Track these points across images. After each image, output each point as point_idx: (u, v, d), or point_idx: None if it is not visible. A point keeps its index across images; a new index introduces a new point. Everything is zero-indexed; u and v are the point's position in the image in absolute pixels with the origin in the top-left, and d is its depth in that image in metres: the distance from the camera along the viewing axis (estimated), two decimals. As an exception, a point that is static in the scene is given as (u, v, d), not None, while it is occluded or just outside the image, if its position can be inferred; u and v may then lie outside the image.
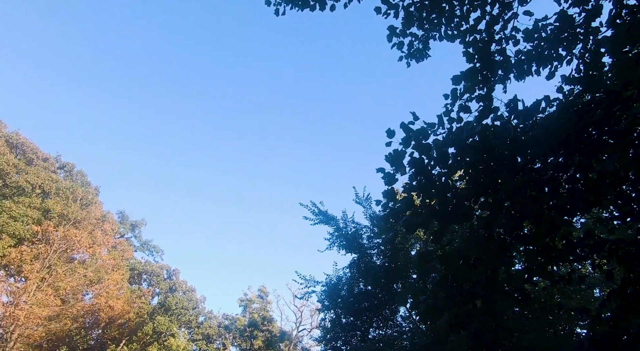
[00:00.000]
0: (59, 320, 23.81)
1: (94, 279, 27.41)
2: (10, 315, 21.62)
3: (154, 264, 42.25)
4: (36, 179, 27.87)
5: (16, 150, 28.72)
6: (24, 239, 25.25)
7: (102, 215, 31.97)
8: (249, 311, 44.45)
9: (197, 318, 43.54)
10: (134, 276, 40.00)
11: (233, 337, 44.48)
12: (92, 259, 28.44)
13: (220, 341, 44.83)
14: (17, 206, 26.07)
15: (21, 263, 23.22)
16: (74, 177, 35.35)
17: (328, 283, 16.95)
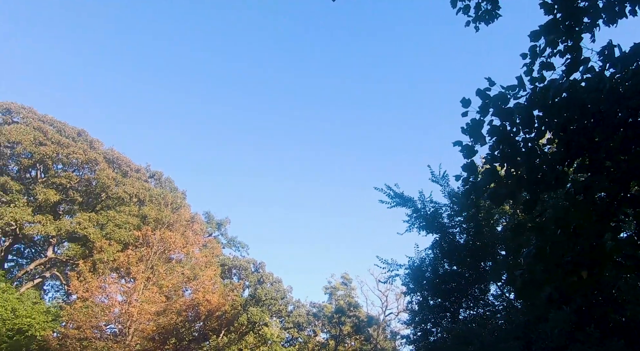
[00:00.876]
0: (165, 315, 26.10)
1: (190, 276, 29.64)
2: (126, 312, 24.15)
3: (241, 259, 44.63)
4: (132, 189, 30.66)
5: (113, 165, 31.78)
6: (128, 244, 27.97)
7: (191, 217, 34.35)
8: (334, 299, 45.36)
9: (286, 307, 45.34)
10: (225, 271, 42.58)
11: (322, 324, 45.73)
12: (186, 258, 30.72)
13: (311, 329, 46.32)
14: (119, 215, 28.94)
15: (129, 265, 25.75)
16: (163, 184, 38.37)
17: (411, 266, 16.69)
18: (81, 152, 28.82)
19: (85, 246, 29.25)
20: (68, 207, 31.13)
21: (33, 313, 24.39)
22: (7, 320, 23.24)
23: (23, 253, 33.76)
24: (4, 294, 24.37)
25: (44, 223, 26.59)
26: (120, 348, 24.26)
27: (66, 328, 25.38)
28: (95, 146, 31.20)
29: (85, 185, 30.52)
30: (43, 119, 29.60)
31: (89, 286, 24.77)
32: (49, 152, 27.47)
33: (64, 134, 30.04)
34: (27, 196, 27.91)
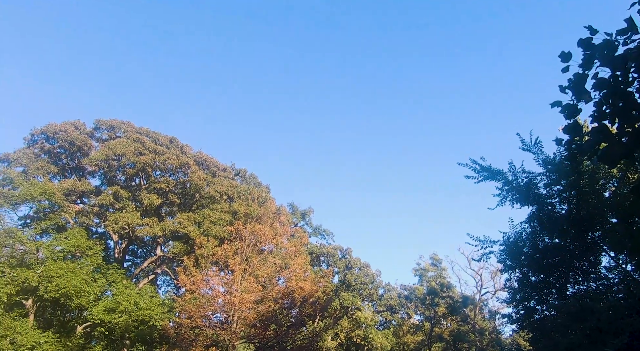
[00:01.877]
0: (263, 303, 27.69)
1: (282, 265, 31.03)
2: (228, 302, 26.03)
3: (328, 247, 45.65)
4: (221, 187, 32.74)
5: (202, 166, 34.16)
6: (224, 239, 29.98)
7: (277, 209, 35.81)
8: (425, 280, 44.68)
9: (376, 291, 45.62)
10: (313, 259, 43.89)
11: (415, 306, 45.35)
12: (277, 248, 32.14)
13: (404, 311, 46.17)
14: (213, 213, 31.11)
15: (226, 259, 27.63)
16: (248, 180, 40.42)
17: (506, 242, 15.84)
18: (174, 158, 31.36)
19: (187, 243, 31.89)
20: (169, 209, 34.11)
21: (152, 305, 27.26)
22: (132, 312, 26.26)
23: (137, 252, 37.76)
24: (126, 290, 27.56)
25: (151, 225, 29.46)
26: (227, 334, 26.25)
27: (180, 318, 28.02)
28: (186, 151, 33.73)
29: (180, 188, 33.19)
30: (140, 131, 32.66)
31: (194, 279, 27.02)
32: (148, 161, 30.30)
33: (158, 142, 32.87)
34: (134, 202, 31.08)
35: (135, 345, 28.73)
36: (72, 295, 25.19)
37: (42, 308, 27.69)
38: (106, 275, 28.25)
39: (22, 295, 25.42)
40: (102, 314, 26.18)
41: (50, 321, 28.42)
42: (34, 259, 26.28)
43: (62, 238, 27.03)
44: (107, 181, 32.45)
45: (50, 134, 30.42)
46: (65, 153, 31.19)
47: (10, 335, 22.64)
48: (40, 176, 29.06)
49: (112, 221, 28.62)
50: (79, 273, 25.87)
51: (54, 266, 25.29)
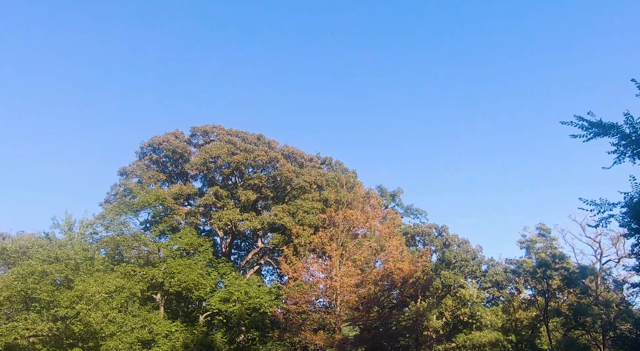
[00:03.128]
0: (363, 286, 28.18)
1: (377, 248, 31.17)
2: (330, 287, 26.95)
3: (422, 226, 44.74)
4: (310, 177, 33.71)
5: (290, 159, 35.45)
6: (318, 227, 30.96)
7: (366, 193, 35.94)
8: (533, 252, 41.79)
9: (479, 267, 43.79)
10: (408, 239, 43.37)
11: (524, 280, 42.72)
12: (370, 232, 32.34)
13: (512, 286, 43.77)
14: (305, 202, 32.23)
15: (323, 246, 28.53)
16: (334, 167, 41.03)
17: (629, 203, 14.11)
18: (264, 154, 32.95)
19: (284, 233, 33.49)
20: (264, 203, 36.05)
21: (260, 294, 29.25)
22: (244, 301, 28.45)
23: (241, 246, 40.61)
24: (236, 281, 29.88)
25: (250, 219, 31.44)
26: (332, 318, 27.24)
27: (287, 304, 29.70)
28: (273, 146, 35.22)
29: (272, 182, 34.83)
30: (230, 132, 34.83)
31: (295, 267, 28.36)
32: (240, 160, 32.27)
33: (247, 141, 34.76)
34: (233, 199, 33.36)
35: (250, 330, 31.11)
36: (191, 288, 27.97)
37: (169, 301, 31.16)
38: (217, 268, 30.85)
39: (152, 290, 28.86)
40: (219, 304, 28.69)
41: (176, 312, 31.92)
42: (157, 258, 29.60)
43: (177, 237, 30.03)
44: (208, 183, 35.18)
45: (156, 146, 33.77)
46: (169, 161, 34.43)
47: (148, 325, 25.92)
48: (152, 184, 32.49)
49: (216, 218, 31.06)
50: (195, 268, 28.60)
51: (174, 263, 28.26)
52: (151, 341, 25.54)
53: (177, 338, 26.39)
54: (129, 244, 28.82)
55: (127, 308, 26.07)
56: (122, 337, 24.21)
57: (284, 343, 29.35)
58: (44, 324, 24.54)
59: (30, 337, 25.05)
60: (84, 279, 25.39)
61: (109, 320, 24.39)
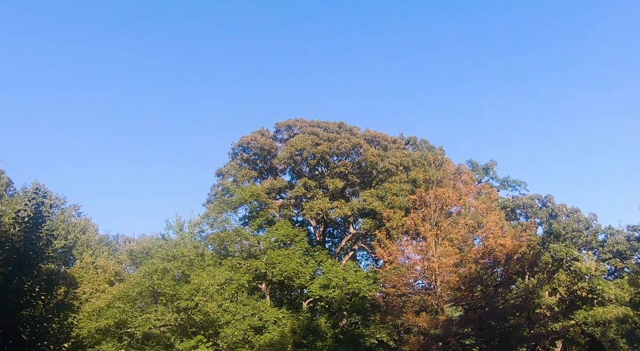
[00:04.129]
0: (463, 265, 27.17)
1: (474, 225, 29.78)
2: (428, 268, 26.46)
3: (522, 198, 41.74)
4: (395, 159, 33.22)
5: (373, 143, 35.24)
6: (409, 209, 30.47)
7: (456, 169, 34.45)
8: (661, 216, 36.72)
9: (595, 237, 39.77)
10: (508, 213, 40.78)
11: (655, 249, 37.85)
12: (464, 209, 30.98)
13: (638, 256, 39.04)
14: (393, 185, 31.89)
15: (416, 227, 28.03)
16: (420, 146, 39.89)
17: None
18: (346, 141, 33.15)
19: (375, 218, 33.47)
20: (351, 189, 36.35)
21: (357, 279, 29.73)
22: (343, 287, 29.15)
23: (333, 233, 41.51)
24: (333, 267, 30.69)
25: (340, 207, 31.96)
26: (434, 299, 26.75)
27: (385, 287, 29.80)
28: (355, 132, 35.25)
29: (357, 168, 34.92)
30: (312, 124, 35.58)
31: (390, 251, 28.25)
32: (324, 150, 32.86)
33: (329, 130, 35.22)
34: (321, 189, 34.14)
35: (352, 314, 31.83)
36: (292, 277, 29.36)
37: (273, 290, 33.05)
38: (314, 257, 31.94)
39: (257, 281, 30.86)
40: (319, 290, 29.74)
41: (281, 300, 33.76)
42: (258, 250, 31.52)
43: (274, 229, 31.62)
44: (296, 175, 36.40)
45: (245, 145, 35.74)
46: (259, 158, 36.25)
47: (257, 313, 27.85)
48: (245, 181, 34.50)
49: (307, 209, 32.08)
50: (293, 258, 29.93)
51: (273, 254, 29.86)
52: (262, 327, 27.39)
53: (285, 324, 27.95)
54: (232, 239, 31.08)
55: (237, 298, 28.21)
56: (236, 324, 26.30)
57: (386, 326, 29.60)
58: (170, 315, 27.57)
59: (160, 327, 28.33)
60: (198, 273, 27.99)
61: (223, 309, 26.64)
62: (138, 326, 26.84)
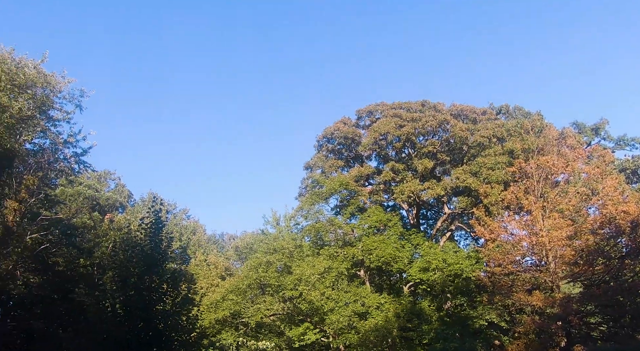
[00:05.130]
0: (578, 237, 24.65)
1: (587, 193, 26.85)
2: (536, 243, 24.50)
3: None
4: (486, 131, 31.21)
5: (460, 117, 33.51)
6: (508, 182, 28.48)
7: (559, 134, 31.36)
8: None
9: None
10: (628, 175, 36.21)
11: None
12: (574, 176, 28.09)
13: None
14: (487, 159, 30.00)
15: (518, 201, 26.10)
16: (514, 114, 36.99)
17: None
18: (431, 119, 31.89)
19: (470, 195, 31.83)
20: (442, 168, 34.94)
21: (458, 260, 28.58)
22: (443, 269, 28.25)
23: (427, 215, 40.35)
24: (431, 250, 29.86)
25: (431, 187, 30.91)
26: (547, 276, 24.73)
27: (489, 267, 28.27)
28: (439, 109, 33.73)
29: (446, 145, 33.44)
30: (394, 106, 34.80)
31: (490, 228, 26.70)
32: (409, 131, 31.97)
33: (412, 110, 34.14)
34: (410, 171, 33.32)
35: (456, 296, 30.75)
36: (389, 262, 29.17)
37: (372, 276, 33.16)
38: (410, 240, 31.37)
39: (355, 268, 31.21)
40: (418, 274, 29.18)
41: (380, 286, 33.74)
42: (353, 238, 31.83)
43: (366, 216, 31.65)
44: (382, 160, 35.95)
45: (329, 136, 36.15)
46: (344, 148, 36.44)
47: (359, 299, 28.22)
48: (333, 172, 34.95)
49: (398, 192, 31.55)
50: (389, 243, 29.71)
51: (368, 241, 29.93)
52: (365, 313, 27.68)
53: (388, 309, 27.92)
54: (326, 229, 31.79)
55: (338, 285, 28.83)
56: (340, 311, 26.92)
57: (495, 307, 28.08)
58: (278, 305, 29.17)
59: (270, 316, 30.12)
60: (298, 264, 29.14)
61: (326, 297, 27.44)
62: (251, 316, 28.82)
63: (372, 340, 26.44)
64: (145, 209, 27.48)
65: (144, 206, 40.39)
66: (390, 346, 27.65)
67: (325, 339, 29.22)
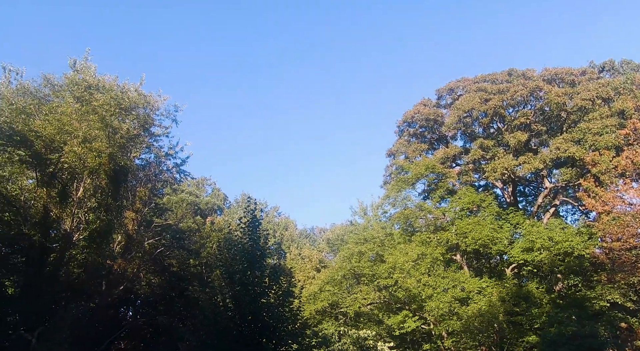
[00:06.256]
0: None
1: None
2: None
3: None
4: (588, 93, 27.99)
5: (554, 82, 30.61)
6: (620, 147, 25.39)
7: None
8: None
9: None
10: None
11: None
12: None
13: None
14: (591, 123, 26.97)
15: (635, 166, 23.15)
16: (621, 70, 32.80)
17: None
18: (521, 88, 29.44)
19: (575, 166, 28.95)
20: (538, 140, 32.15)
21: (567, 237, 26.11)
22: (550, 247, 26.01)
23: (525, 192, 37.48)
24: (533, 228, 27.64)
25: (527, 161, 28.58)
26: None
27: (606, 242, 25.45)
28: (529, 75, 31.05)
29: (540, 114, 30.71)
30: (476, 80, 32.78)
31: (603, 199, 24.02)
32: (497, 104, 29.84)
33: (498, 81, 31.90)
34: (501, 147, 31.15)
35: (569, 277, 28.21)
36: (487, 244, 27.56)
37: (469, 260, 31.64)
38: (508, 220, 29.34)
39: (450, 253, 30.04)
40: (522, 255, 27.20)
41: (479, 269, 32.07)
42: (444, 222, 30.64)
43: (457, 199, 30.22)
44: (469, 138, 34.09)
45: (409, 120, 35.12)
46: (426, 130, 35.16)
47: (458, 285, 27.10)
48: (417, 156, 33.90)
49: (490, 171, 29.68)
50: (484, 224, 28.08)
51: (462, 223, 28.58)
52: (466, 298, 26.52)
53: (491, 293, 26.45)
54: (415, 215, 30.98)
55: (435, 271, 27.98)
56: (439, 297, 26.10)
57: (618, 286, 25.24)
58: (374, 294, 29.14)
59: (367, 305, 30.21)
60: (390, 252, 28.81)
61: (422, 284, 26.78)
62: (349, 306, 29.16)
63: (476, 326, 25.26)
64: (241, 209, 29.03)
65: (239, 207, 42.77)
66: (497, 332, 26.20)
67: (426, 326, 28.57)
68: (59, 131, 17.02)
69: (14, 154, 17.20)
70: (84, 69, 20.58)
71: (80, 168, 17.89)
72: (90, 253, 18.80)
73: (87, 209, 19.26)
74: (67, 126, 17.21)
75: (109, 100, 18.62)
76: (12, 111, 16.73)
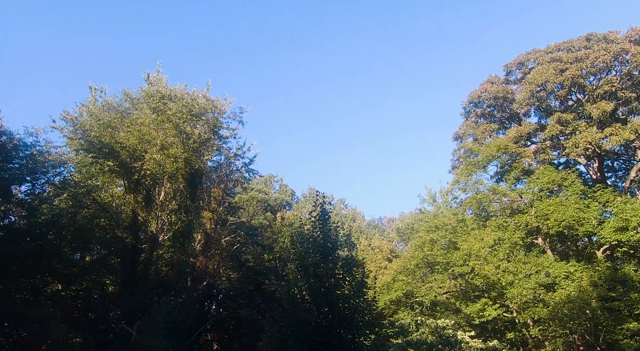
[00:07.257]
0: None
1: None
2: None
3: None
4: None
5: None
6: None
7: None
8: None
9: None
10: None
11: None
12: None
13: None
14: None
15: None
16: None
17: None
18: (603, 53, 26.77)
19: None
20: (626, 108, 29.13)
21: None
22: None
23: (614, 166, 34.21)
24: (627, 205, 25.12)
25: (615, 133, 26.03)
26: None
27: None
28: (611, 38, 28.09)
29: (627, 79, 27.75)
30: (549, 50, 30.30)
31: None
32: (575, 73, 27.38)
33: (574, 49, 29.22)
34: (582, 120, 28.64)
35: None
36: (573, 225, 25.58)
37: (552, 243, 29.55)
38: (595, 198, 26.98)
39: (531, 236, 28.29)
40: (614, 235, 24.97)
41: (565, 253, 29.87)
42: (521, 205, 28.87)
43: (534, 179, 28.31)
44: (544, 113, 31.73)
45: (475, 101, 33.40)
46: (495, 109, 33.22)
47: (542, 270, 25.47)
48: (487, 137, 32.19)
49: (570, 146, 27.46)
50: (568, 204, 26.06)
51: (542, 205, 26.75)
52: (552, 284, 24.91)
53: (581, 278, 24.59)
54: (489, 199, 29.52)
55: (515, 256, 26.54)
56: (521, 284, 24.75)
57: None
58: (449, 282, 28.32)
59: (443, 294, 29.45)
60: (464, 239, 27.76)
61: (502, 270, 25.54)
62: (424, 295, 28.62)
63: (565, 313, 23.63)
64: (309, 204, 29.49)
65: (307, 202, 43.50)
66: (590, 319, 24.34)
67: (509, 314, 27.29)
68: (140, 141, 18.42)
69: (104, 165, 18.90)
70: (157, 81, 22.01)
71: (160, 174, 19.26)
72: (175, 252, 20.24)
73: (169, 211, 20.70)
74: (146, 136, 18.58)
75: (181, 108, 19.80)
76: (100, 125, 18.37)
